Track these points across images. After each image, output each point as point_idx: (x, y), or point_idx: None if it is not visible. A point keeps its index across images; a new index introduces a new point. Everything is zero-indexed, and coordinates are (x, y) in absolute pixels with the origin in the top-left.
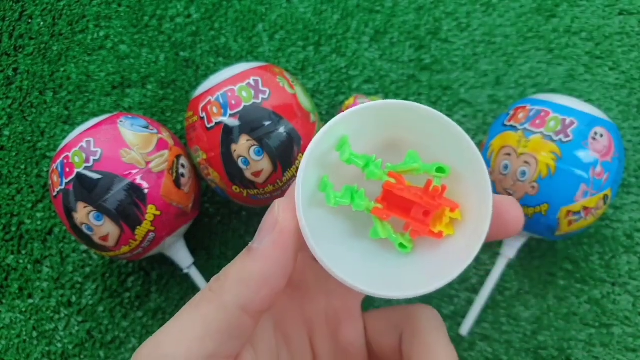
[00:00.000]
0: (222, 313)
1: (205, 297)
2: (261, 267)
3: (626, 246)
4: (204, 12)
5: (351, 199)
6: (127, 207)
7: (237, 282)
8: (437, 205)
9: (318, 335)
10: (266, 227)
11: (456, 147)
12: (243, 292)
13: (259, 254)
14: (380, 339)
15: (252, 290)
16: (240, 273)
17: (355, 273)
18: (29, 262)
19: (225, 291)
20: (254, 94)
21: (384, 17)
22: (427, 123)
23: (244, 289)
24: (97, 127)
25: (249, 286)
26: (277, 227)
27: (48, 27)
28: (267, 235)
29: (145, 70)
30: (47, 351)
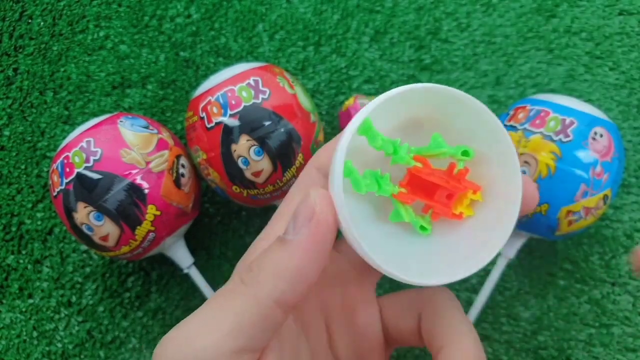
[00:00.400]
0: (256, 307)
1: (237, 289)
2: (298, 261)
3: (626, 246)
4: (204, 12)
5: (377, 184)
6: (127, 207)
7: (272, 276)
8: (462, 188)
9: (335, 321)
10: (302, 218)
11: (481, 128)
12: (278, 287)
13: (296, 246)
14: (398, 322)
15: (288, 284)
16: (276, 266)
17: (390, 260)
18: (29, 262)
19: (260, 284)
20: (254, 94)
21: (384, 17)
22: (451, 103)
23: (279, 283)
24: (97, 127)
25: (285, 280)
26: (315, 217)
27: (48, 27)
28: (304, 227)
29: (145, 70)
30: (47, 351)
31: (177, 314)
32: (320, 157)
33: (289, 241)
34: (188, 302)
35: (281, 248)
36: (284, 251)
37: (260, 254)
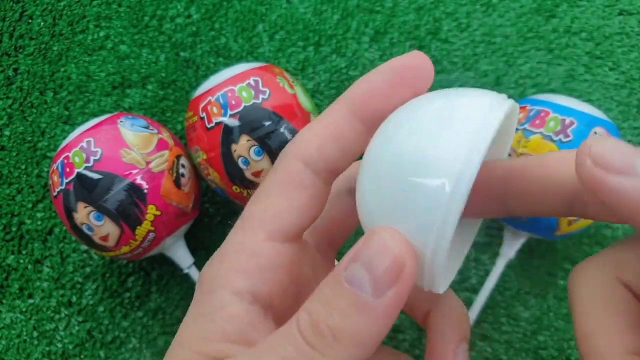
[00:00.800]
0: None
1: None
2: (381, 329)
3: None
4: (204, 12)
5: None
6: (127, 207)
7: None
8: None
9: None
10: (388, 277)
11: None
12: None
13: (381, 312)
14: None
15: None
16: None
17: None
18: (29, 262)
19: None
20: (254, 94)
21: (383, 17)
22: None
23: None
24: (98, 127)
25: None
26: (403, 277)
27: (48, 28)
28: (390, 289)
29: (146, 70)
30: (48, 351)
31: (177, 314)
32: (306, 147)
33: (369, 305)
34: (188, 302)
35: (361, 313)
36: (366, 317)
37: (327, 317)
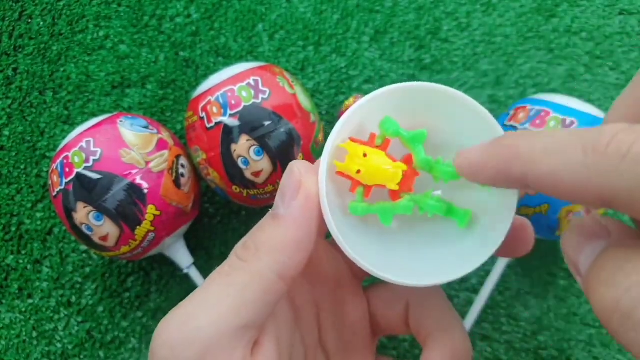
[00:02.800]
0: (258, 281)
1: (237, 266)
2: (293, 234)
3: None
4: (204, 12)
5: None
6: (127, 207)
7: (271, 250)
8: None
9: (325, 315)
10: (290, 192)
11: (474, 126)
12: (279, 259)
13: (289, 220)
14: (385, 311)
15: (287, 256)
16: (273, 240)
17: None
18: (28, 262)
19: (261, 259)
20: (253, 94)
21: (384, 17)
22: (455, 108)
23: (279, 256)
24: (97, 127)
25: (284, 253)
26: (302, 191)
27: (48, 27)
28: (293, 200)
29: (145, 70)
30: (47, 351)
31: None
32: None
33: (281, 216)
34: None
35: (275, 224)
36: (278, 227)
37: (253, 232)
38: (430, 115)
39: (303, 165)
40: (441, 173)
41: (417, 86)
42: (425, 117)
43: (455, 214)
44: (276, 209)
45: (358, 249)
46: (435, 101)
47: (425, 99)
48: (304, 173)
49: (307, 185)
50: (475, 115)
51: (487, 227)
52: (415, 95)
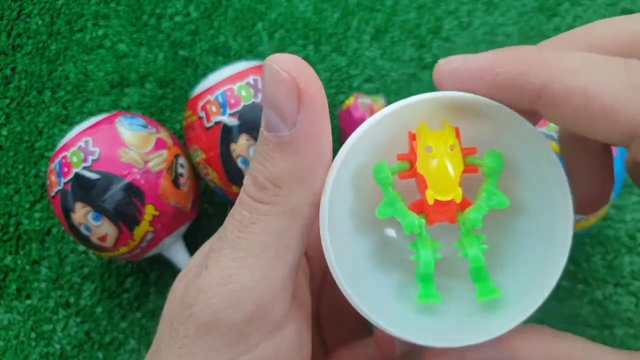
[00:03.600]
0: (297, 220)
1: (263, 210)
2: (313, 153)
3: (628, 246)
4: (203, 10)
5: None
6: (126, 207)
7: (297, 181)
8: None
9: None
10: (289, 103)
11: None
12: (309, 188)
13: (301, 140)
14: None
15: (316, 180)
16: (293, 170)
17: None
18: (27, 262)
19: (290, 195)
20: (253, 93)
21: (384, 15)
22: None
23: (309, 185)
24: (95, 126)
25: (312, 178)
26: (305, 96)
27: (46, 26)
28: (297, 114)
29: (144, 69)
30: (46, 352)
31: None
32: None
33: (289, 139)
34: None
35: (286, 150)
36: (293, 153)
37: (259, 168)
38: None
39: (288, 61)
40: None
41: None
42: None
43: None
44: (276, 130)
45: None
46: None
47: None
48: (293, 70)
49: (306, 86)
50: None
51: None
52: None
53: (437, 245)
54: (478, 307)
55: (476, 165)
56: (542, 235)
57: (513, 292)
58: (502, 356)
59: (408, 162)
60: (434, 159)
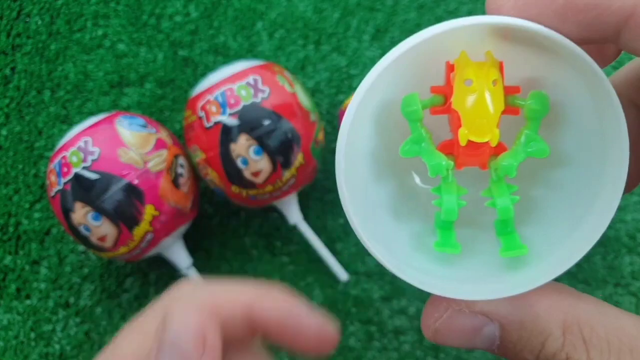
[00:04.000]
0: None
1: None
2: None
3: (629, 247)
4: (203, 10)
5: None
6: (125, 208)
7: None
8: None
9: None
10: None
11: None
12: None
13: None
14: None
15: None
16: None
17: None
18: (26, 262)
19: None
20: (253, 93)
21: (384, 15)
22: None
23: None
24: (95, 126)
25: None
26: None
27: (46, 26)
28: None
29: (144, 69)
30: (45, 352)
31: None
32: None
33: None
34: None
35: None
36: None
37: None
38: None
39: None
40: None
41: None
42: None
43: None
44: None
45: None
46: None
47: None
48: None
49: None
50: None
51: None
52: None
53: (463, 191)
54: (500, 263)
55: (517, 106)
56: (583, 192)
57: (541, 250)
58: (518, 311)
59: (442, 96)
60: (472, 94)
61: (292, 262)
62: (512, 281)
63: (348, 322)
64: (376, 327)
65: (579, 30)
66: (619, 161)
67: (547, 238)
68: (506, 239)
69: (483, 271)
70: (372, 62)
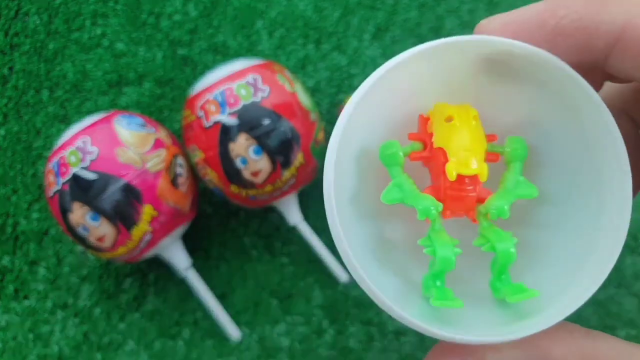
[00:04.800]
0: None
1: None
2: None
3: (631, 247)
4: (202, 9)
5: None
6: (124, 208)
7: None
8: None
9: None
10: None
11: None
12: None
13: None
14: None
15: None
16: None
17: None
18: (25, 263)
19: None
20: (252, 92)
21: (385, 14)
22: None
23: None
24: (93, 126)
25: None
26: None
27: (44, 25)
28: None
29: (143, 68)
30: (44, 353)
31: (175, 316)
32: None
33: None
34: (186, 303)
35: None
36: None
37: None
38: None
39: None
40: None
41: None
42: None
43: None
44: None
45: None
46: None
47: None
48: None
49: None
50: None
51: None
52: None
53: (454, 241)
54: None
55: (497, 152)
56: (582, 230)
57: (548, 294)
58: (531, 357)
59: (420, 143)
60: (455, 129)
61: (292, 263)
62: (521, 325)
63: (348, 322)
64: (376, 328)
65: (569, 55)
66: (622, 189)
67: (549, 280)
68: (507, 284)
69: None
70: (373, 61)
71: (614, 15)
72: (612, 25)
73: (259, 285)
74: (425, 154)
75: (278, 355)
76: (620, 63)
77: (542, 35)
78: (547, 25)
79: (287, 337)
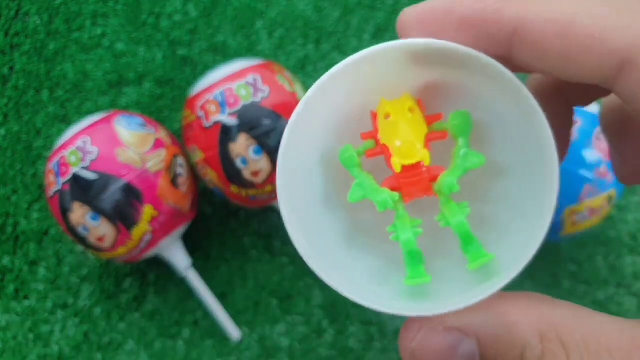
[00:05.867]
0: None
1: None
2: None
3: (630, 247)
4: (202, 9)
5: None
6: (124, 208)
7: None
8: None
9: None
10: None
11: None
12: None
13: None
14: None
15: None
16: None
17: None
18: (25, 263)
19: None
20: (252, 92)
21: (385, 14)
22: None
23: None
24: (93, 126)
25: None
26: None
27: (44, 25)
28: None
29: (143, 68)
30: (44, 353)
31: (174, 316)
32: None
33: None
34: (186, 304)
35: None
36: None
37: None
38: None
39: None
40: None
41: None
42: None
43: (473, 249)
44: None
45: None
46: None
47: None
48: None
49: None
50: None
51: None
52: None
53: (416, 221)
54: (472, 283)
55: (443, 129)
56: (530, 198)
57: (505, 260)
58: (491, 321)
59: (373, 140)
60: (392, 124)
61: (292, 263)
62: (479, 289)
63: (348, 323)
64: (376, 328)
65: (478, 45)
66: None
67: (503, 247)
68: (471, 251)
69: (455, 294)
70: None
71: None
72: (511, 16)
73: (259, 285)
74: (377, 150)
75: (278, 355)
76: (519, 55)
77: (450, 24)
78: (454, 14)
79: (287, 337)
